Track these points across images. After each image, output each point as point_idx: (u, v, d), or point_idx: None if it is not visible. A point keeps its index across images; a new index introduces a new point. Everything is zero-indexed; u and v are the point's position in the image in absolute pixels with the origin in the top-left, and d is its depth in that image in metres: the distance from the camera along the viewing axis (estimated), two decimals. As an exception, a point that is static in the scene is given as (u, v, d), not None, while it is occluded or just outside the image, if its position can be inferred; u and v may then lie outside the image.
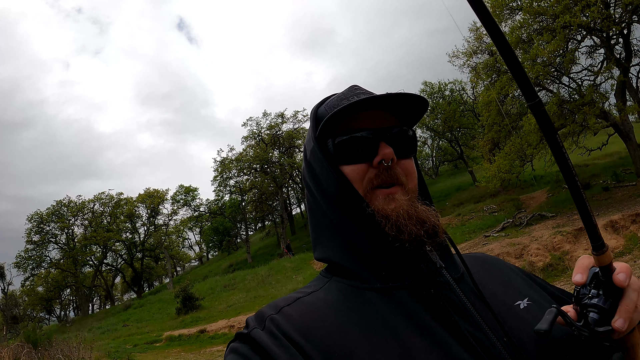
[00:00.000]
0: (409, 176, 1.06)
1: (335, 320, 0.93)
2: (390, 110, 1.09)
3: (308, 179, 1.12)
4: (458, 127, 40.52)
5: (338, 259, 1.06)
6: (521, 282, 1.14)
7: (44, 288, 58.55)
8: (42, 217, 53.41)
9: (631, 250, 13.04)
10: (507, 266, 1.23)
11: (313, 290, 1.05)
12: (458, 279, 1.03)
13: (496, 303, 1.00)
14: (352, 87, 1.15)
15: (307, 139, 1.17)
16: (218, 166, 49.33)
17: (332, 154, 1.06)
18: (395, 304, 0.95)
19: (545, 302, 1.07)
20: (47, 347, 15.87)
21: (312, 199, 1.12)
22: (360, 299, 0.98)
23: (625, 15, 19.50)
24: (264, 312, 0.98)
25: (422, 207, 1.03)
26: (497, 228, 20.26)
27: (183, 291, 29.92)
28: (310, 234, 1.18)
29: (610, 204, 17.65)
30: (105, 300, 70.29)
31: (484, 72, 24.26)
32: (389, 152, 1.01)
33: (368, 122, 1.05)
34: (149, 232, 58.35)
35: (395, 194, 1.01)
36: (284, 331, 0.91)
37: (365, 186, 1.03)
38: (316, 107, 1.17)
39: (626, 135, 20.35)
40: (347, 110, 1.02)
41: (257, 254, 51.05)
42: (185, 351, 18.67)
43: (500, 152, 22.34)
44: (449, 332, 0.90)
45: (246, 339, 0.93)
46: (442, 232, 1.04)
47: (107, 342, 25.26)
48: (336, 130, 1.06)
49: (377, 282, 0.99)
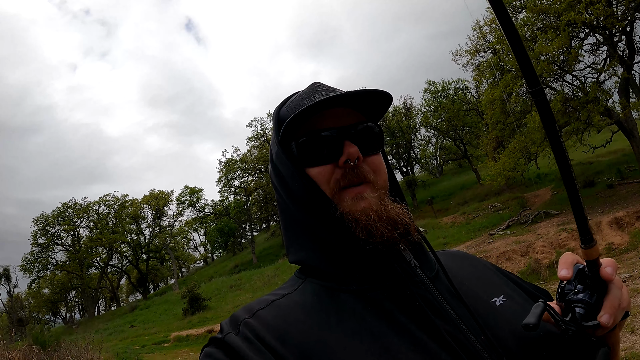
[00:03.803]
0: (377, 172, 1.02)
1: (311, 324, 0.91)
2: (353, 107, 1.06)
3: (276, 182, 1.08)
4: (462, 125, 40.45)
5: (312, 261, 1.03)
6: (496, 279, 1.14)
7: (50, 290, 58.52)
8: (47, 220, 53.59)
9: (636, 247, 13.06)
10: (481, 263, 1.21)
11: (287, 292, 1.02)
12: (433, 278, 1.01)
13: (472, 300, 0.99)
14: (313, 84, 1.11)
15: (271, 142, 1.12)
16: (223, 167, 49.45)
17: (296, 156, 1.02)
18: (371, 306, 0.93)
19: (520, 299, 1.07)
20: (56, 348, 15.88)
21: (282, 202, 1.09)
22: (336, 301, 0.96)
23: (628, 12, 19.50)
24: (238, 316, 0.96)
25: (392, 205, 0.99)
26: (503, 226, 20.30)
27: (190, 292, 30.00)
28: (283, 237, 1.15)
29: (615, 201, 17.66)
30: (111, 302, 70.32)
31: (487, 71, 24.27)
32: (353, 151, 0.97)
33: (331, 121, 1.02)
34: (154, 233, 58.45)
35: (364, 193, 0.98)
36: (258, 335, 0.89)
37: (333, 187, 0.99)
38: (278, 108, 1.12)
39: (630, 132, 20.34)
40: (307, 111, 0.98)
41: (262, 255, 51.01)
42: (194, 351, 18.69)
43: (505, 150, 22.37)
44: (426, 332, 0.89)
45: (220, 344, 0.91)
46: (415, 231, 1.00)
47: (115, 343, 25.34)
48: (299, 131, 1.02)
49: (353, 284, 0.97)
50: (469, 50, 26.74)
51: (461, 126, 40.51)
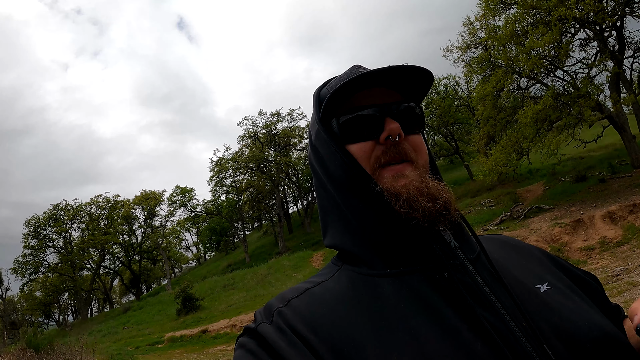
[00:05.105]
0: (418, 152, 1.01)
1: (345, 313, 0.90)
2: (394, 87, 1.04)
3: (315, 163, 1.08)
4: (453, 122, 40.50)
5: (346, 245, 1.02)
6: (541, 265, 1.10)
7: (42, 293, 58.12)
8: (39, 222, 53.27)
9: (629, 240, 13.14)
10: (526, 247, 1.18)
11: (323, 279, 1.01)
12: (474, 260, 0.96)
13: (514, 285, 0.95)
14: (353, 66, 1.10)
15: (311, 123, 1.12)
16: (214, 166, 49.32)
17: (337, 134, 1.01)
18: (406, 291, 0.91)
19: (565, 288, 1.02)
20: (49, 351, 15.84)
21: (320, 184, 1.08)
22: (371, 287, 0.93)
23: (618, 7, 19.63)
24: (272, 304, 0.95)
25: (434, 182, 0.97)
26: (496, 221, 20.37)
27: (183, 292, 29.92)
28: (320, 220, 1.13)
29: (607, 195, 17.75)
30: (104, 304, 70.14)
31: (478, 67, 24.32)
32: (395, 127, 0.96)
33: (372, 99, 1.01)
34: (146, 234, 58.31)
35: (405, 171, 0.97)
36: (291, 325, 0.88)
37: (373, 164, 0.98)
38: (318, 89, 1.12)
39: (621, 126, 20.48)
40: (349, 86, 0.97)
41: (255, 253, 51.05)
42: (188, 352, 18.65)
43: (497, 146, 22.42)
44: (462, 319, 0.85)
45: (253, 333, 0.90)
46: (455, 210, 0.97)
47: (109, 345, 25.24)
48: (340, 109, 1.02)
49: (387, 268, 0.95)
50: (459, 46, 26.78)
51: (452, 122, 40.55)
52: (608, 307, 1.11)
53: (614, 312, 1.13)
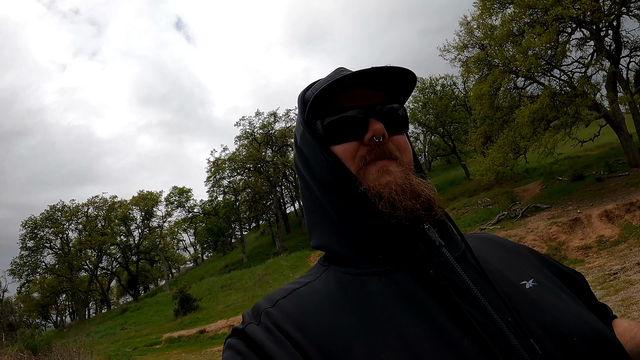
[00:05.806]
0: (403, 151, 1.02)
1: (332, 312, 0.90)
2: (378, 88, 1.06)
3: (300, 165, 1.09)
4: (450, 121, 40.52)
5: (333, 245, 1.02)
6: (528, 263, 1.11)
7: (40, 294, 57.96)
8: (36, 223, 53.06)
9: (626, 239, 13.17)
10: (514, 246, 1.19)
11: (310, 280, 1.01)
12: (459, 258, 0.97)
13: (501, 282, 0.96)
14: (338, 68, 1.10)
15: (296, 125, 1.14)
16: (211, 167, 49.25)
17: (322, 135, 1.02)
18: (393, 288, 0.91)
19: (551, 285, 1.04)
20: (47, 352, 15.79)
21: (305, 186, 1.09)
22: (358, 287, 0.94)
23: (614, 7, 19.68)
24: (260, 305, 0.96)
25: (417, 179, 0.98)
26: (493, 221, 20.40)
27: (180, 292, 29.85)
28: (306, 222, 1.14)
29: (604, 194, 17.78)
30: (102, 305, 70.09)
31: (475, 66, 24.33)
32: (379, 128, 0.97)
33: (356, 101, 1.02)
34: (144, 234, 58.19)
35: (389, 166, 0.97)
36: (279, 325, 0.88)
37: (358, 164, 0.99)
38: (303, 91, 1.13)
39: (618, 126, 20.52)
40: (332, 88, 0.99)
41: (253, 254, 51.00)
42: (186, 352, 18.62)
43: (494, 145, 22.44)
44: (449, 316, 0.86)
45: (241, 334, 0.91)
46: (438, 207, 0.98)
47: (107, 346, 25.17)
48: (324, 111, 1.03)
49: (374, 267, 0.95)
50: (456, 46, 26.78)
51: (449, 122, 40.58)
52: (594, 304, 1.13)
53: (600, 310, 1.15)
